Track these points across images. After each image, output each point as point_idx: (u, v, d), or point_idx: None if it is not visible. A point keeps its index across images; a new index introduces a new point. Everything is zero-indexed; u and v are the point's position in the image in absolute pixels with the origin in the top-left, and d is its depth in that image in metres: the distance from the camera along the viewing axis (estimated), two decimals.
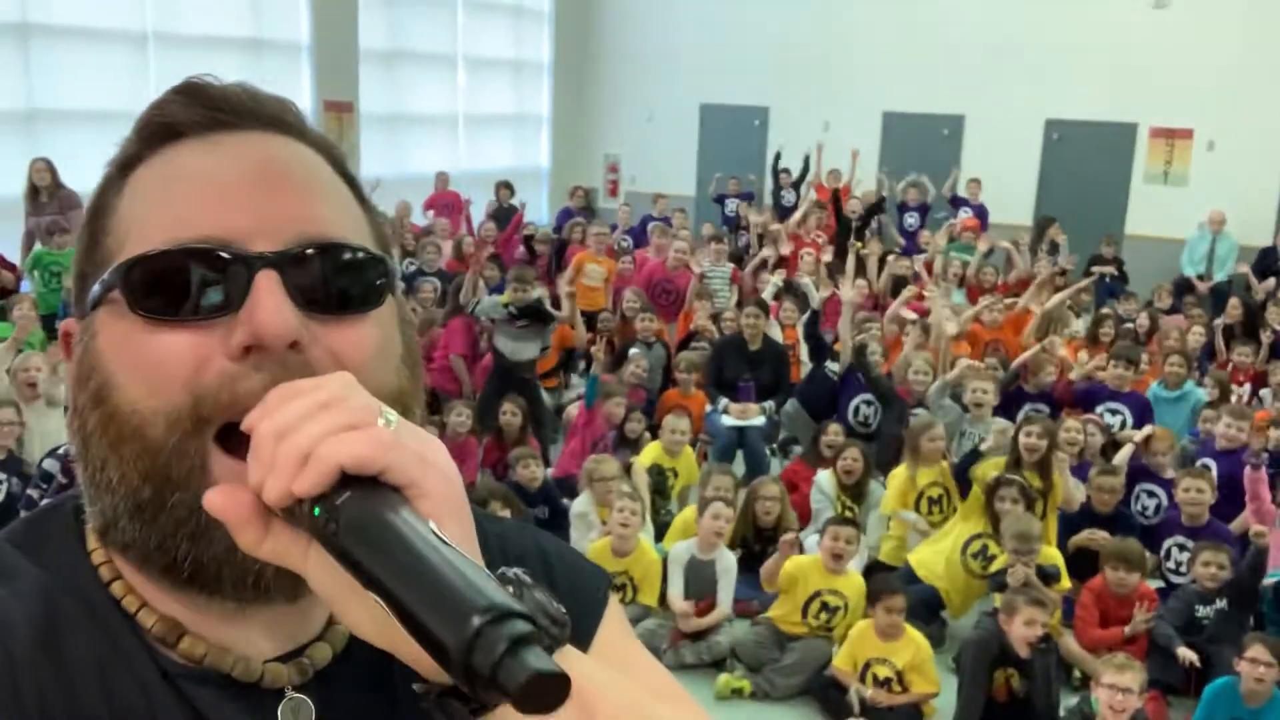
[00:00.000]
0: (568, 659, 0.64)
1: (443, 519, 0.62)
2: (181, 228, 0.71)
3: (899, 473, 5.71)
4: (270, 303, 0.68)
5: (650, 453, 6.08)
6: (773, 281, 7.33)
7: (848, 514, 5.36)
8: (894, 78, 13.70)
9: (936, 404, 6.24)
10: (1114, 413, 6.84)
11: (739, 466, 6.43)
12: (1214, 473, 5.76)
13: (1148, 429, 6.21)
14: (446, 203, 11.86)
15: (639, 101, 15.51)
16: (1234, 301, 9.23)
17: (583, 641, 0.81)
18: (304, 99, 12.76)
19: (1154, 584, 5.28)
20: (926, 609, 5.07)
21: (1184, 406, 7.05)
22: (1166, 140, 12.52)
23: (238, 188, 0.72)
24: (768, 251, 9.20)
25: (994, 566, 4.99)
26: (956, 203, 12.05)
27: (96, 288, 0.72)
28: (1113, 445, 6.41)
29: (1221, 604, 4.69)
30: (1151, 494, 5.84)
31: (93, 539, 0.75)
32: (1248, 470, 5.34)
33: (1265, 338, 8.01)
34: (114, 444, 0.70)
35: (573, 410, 7.01)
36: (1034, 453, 5.43)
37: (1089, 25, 12.54)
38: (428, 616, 0.56)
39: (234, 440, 0.68)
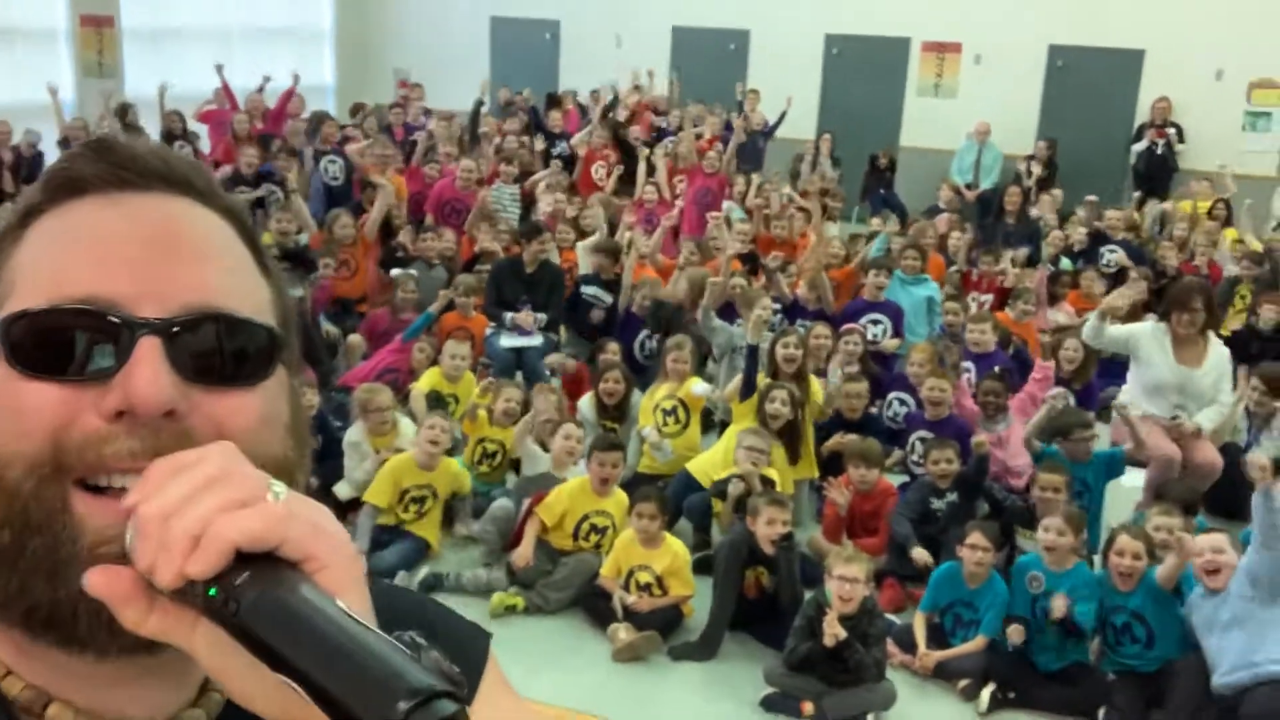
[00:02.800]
0: None
1: (345, 591, 0.61)
2: (69, 285, 0.68)
3: (651, 390, 5.97)
4: (148, 371, 0.66)
5: (429, 378, 6.10)
6: (541, 206, 7.36)
7: (610, 434, 5.51)
8: None
9: (706, 325, 6.43)
10: (875, 323, 7.27)
11: None
12: (973, 374, 6.29)
13: (894, 341, 6.65)
14: (223, 119, 11.26)
15: (426, 14, 15.10)
16: (1011, 191, 10.02)
17: (469, 699, 0.82)
18: (58, 14, 11.87)
19: (902, 478, 5.73)
20: (704, 514, 5.31)
21: (918, 295, 7.55)
22: (937, 54, 13.07)
23: (131, 249, 0.70)
24: (551, 174, 9.21)
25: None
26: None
27: None
28: (872, 355, 6.83)
29: (953, 497, 5.10)
30: (903, 402, 6.25)
31: None
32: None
33: (1015, 254, 8.60)
34: None
35: (355, 340, 6.94)
36: (791, 363, 5.73)
37: None
38: (350, 700, 0.55)
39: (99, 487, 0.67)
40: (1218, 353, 5.42)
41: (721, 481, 5.03)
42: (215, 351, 0.70)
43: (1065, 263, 9.00)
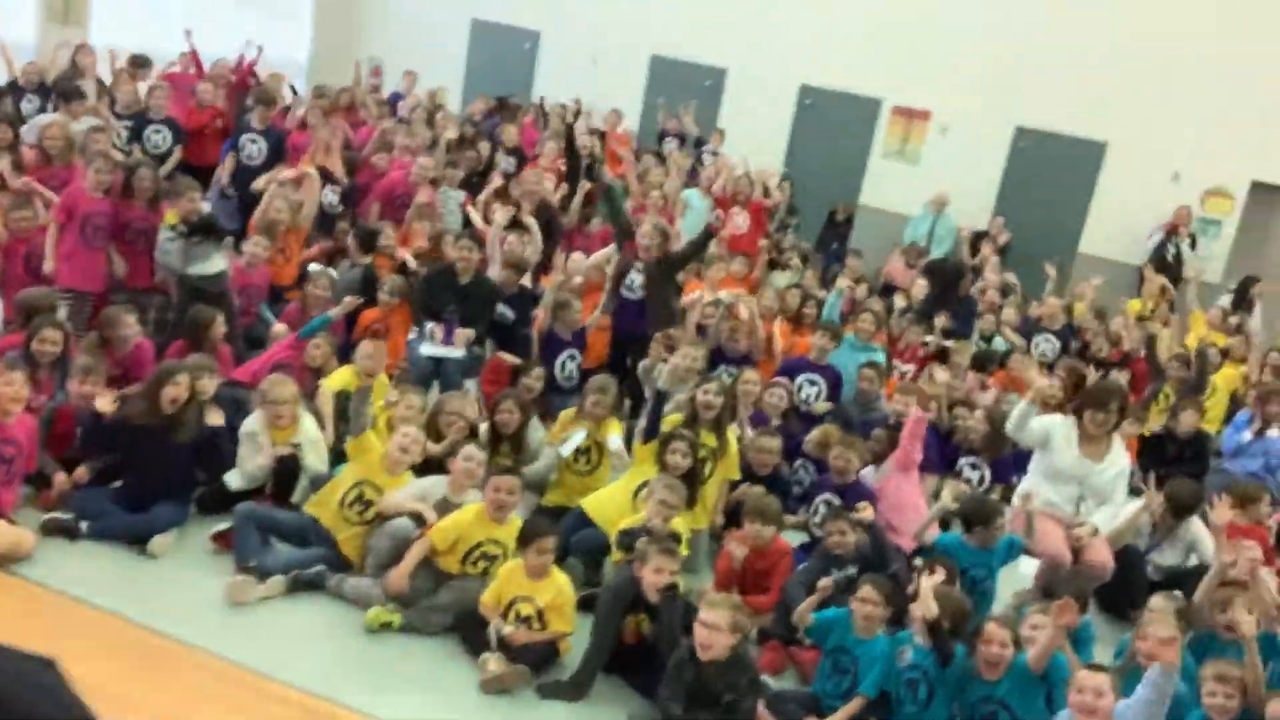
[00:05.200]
0: None
1: None
2: None
3: (562, 417, 5.91)
4: None
5: (340, 377, 5.96)
6: (497, 221, 7.28)
7: (506, 463, 5.40)
8: (662, 23, 13.84)
9: (645, 376, 6.35)
10: (812, 383, 7.24)
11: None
12: None
13: (825, 405, 6.64)
14: (189, 83, 10.94)
15: (408, 6, 15.02)
16: (956, 264, 10.08)
17: None
18: None
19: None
20: (595, 552, 5.23)
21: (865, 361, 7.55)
22: (906, 119, 13.19)
23: None
24: (498, 180, 9.12)
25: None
26: (700, 144, 12.33)
27: None
28: (796, 412, 6.81)
29: (852, 570, 5.04)
30: (805, 468, 6.23)
31: None
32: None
33: (939, 321, 8.64)
34: None
35: (279, 330, 6.79)
36: (710, 410, 5.68)
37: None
38: None
39: None
40: (1119, 452, 5.48)
41: (628, 533, 4.91)
42: None
43: (999, 342, 9.07)
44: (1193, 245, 11.62)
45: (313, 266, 7.21)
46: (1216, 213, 12.01)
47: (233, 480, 5.22)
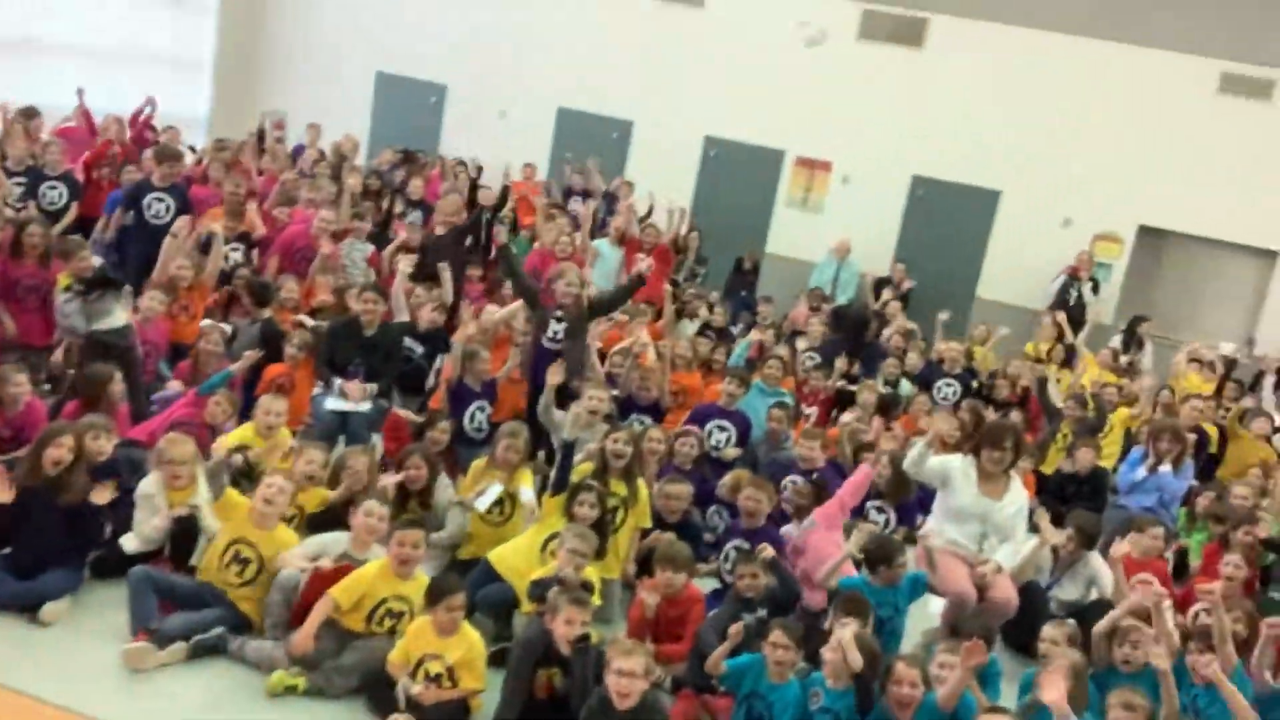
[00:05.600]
0: None
1: None
2: None
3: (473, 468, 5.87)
4: None
5: (241, 434, 5.83)
6: (402, 270, 7.23)
7: (413, 516, 5.33)
8: (569, 76, 13.99)
9: (546, 418, 6.34)
10: (721, 429, 7.26)
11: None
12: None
13: (734, 451, 6.69)
14: (82, 138, 10.70)
15: (313, 58, 14.95)
16: (859, 308, 10.29)
17: None
18: None
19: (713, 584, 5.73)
20: (502, 606, 5.16)
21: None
22: (808, 170, 13.50)
23: None
24: (405, 234, 9.07)
25: None
26: (609, 198, 12.44)
27: None
28: (707, 458, 6.83)
29: (763, 612, 5.07)
30: (720, 514, 6.26)
31: None
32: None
33: (840, 364, 8.80)
34: None
35: (175, 387, 6.64)
36: (620, 459, 5.69)
37: (748, 54, 13.33)
38: None
39: None
40: (1018, 490, 5.62)
41: (539, 583, 4.86)
42: None
43: (905, 386, 9.25)
44: (1095, 289, 12.06)
45: (204, 322, 7.06)
46: (1106, 256, 12.48)
47: (128, 543, 5.05)
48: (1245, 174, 11.91)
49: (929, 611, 5.80)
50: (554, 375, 6.17)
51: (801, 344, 9.78)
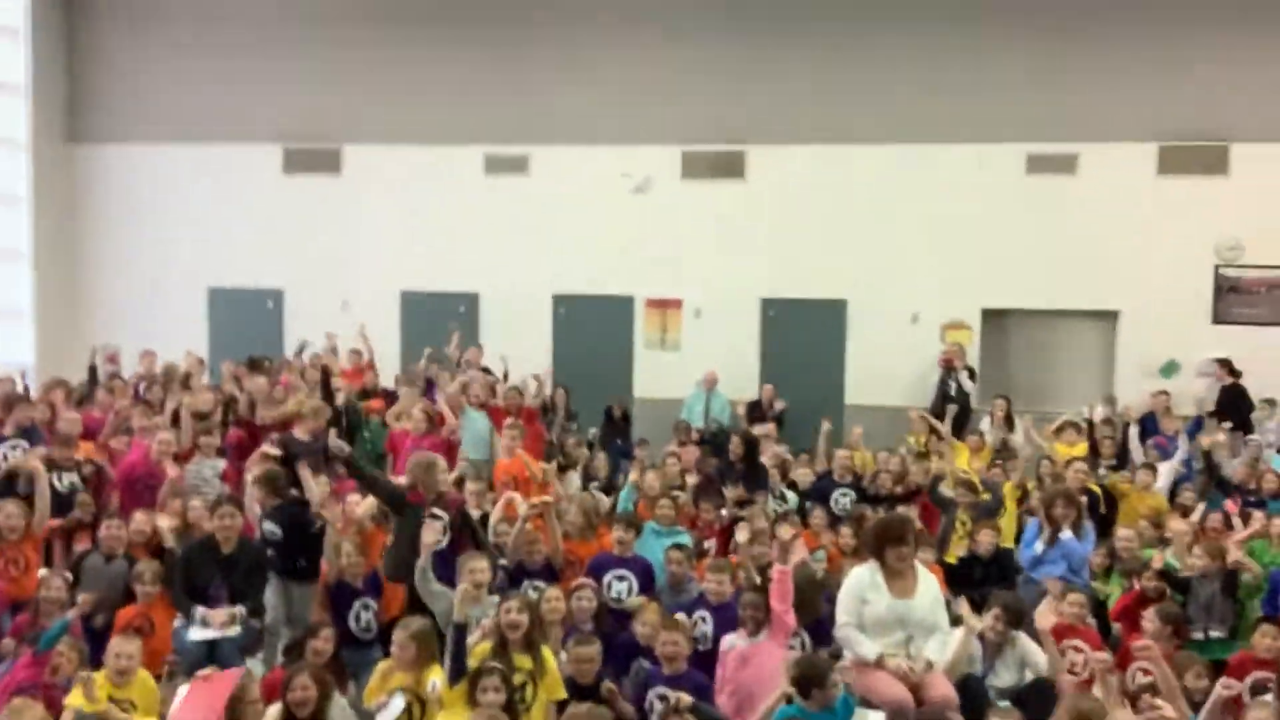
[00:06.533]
0: None
1: None
2: None
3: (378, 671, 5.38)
4: None
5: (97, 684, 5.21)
6: (250, 477, 6.79)
7: None
8: (409, 258, 13.92)
9: (424, 588, 5.93)
10: (620, 578, 6.91)
11: None
12: (709, 625, 6.12)
13: (638, 600, 6.35)
14: None
15: (136, 286, 14.53)
16: (735, 440, 10.06)
17: None
18: None
19: None
20: None
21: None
22: (660, 310, 13.61)
23: None
24: (265, 445, 8.60)
25: None
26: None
27: None
28: (609, 611, 6.47)
29: None
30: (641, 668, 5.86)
31: None
32: None
33: (730, 493, 8.63)
34: None
35: (7, 645, 5.95)
36: (517, 629, 5.29)
37: (581, 209, 13.53)
38: None
39: None
40: (927, 580, 5.44)
41: None
42: None
43: (791, 499, 9.12)
44: (971, 376, 12.31)
45: (41, 571, 6.42)
46: (961, 341, 12.79)
47: None
48: (1069, 243, 12.49)
49: None
50: (430, 534, 5.79)
51: (691, 479, 9.58)
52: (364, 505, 7.12)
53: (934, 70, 12.73)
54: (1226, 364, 11.77)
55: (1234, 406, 11.41)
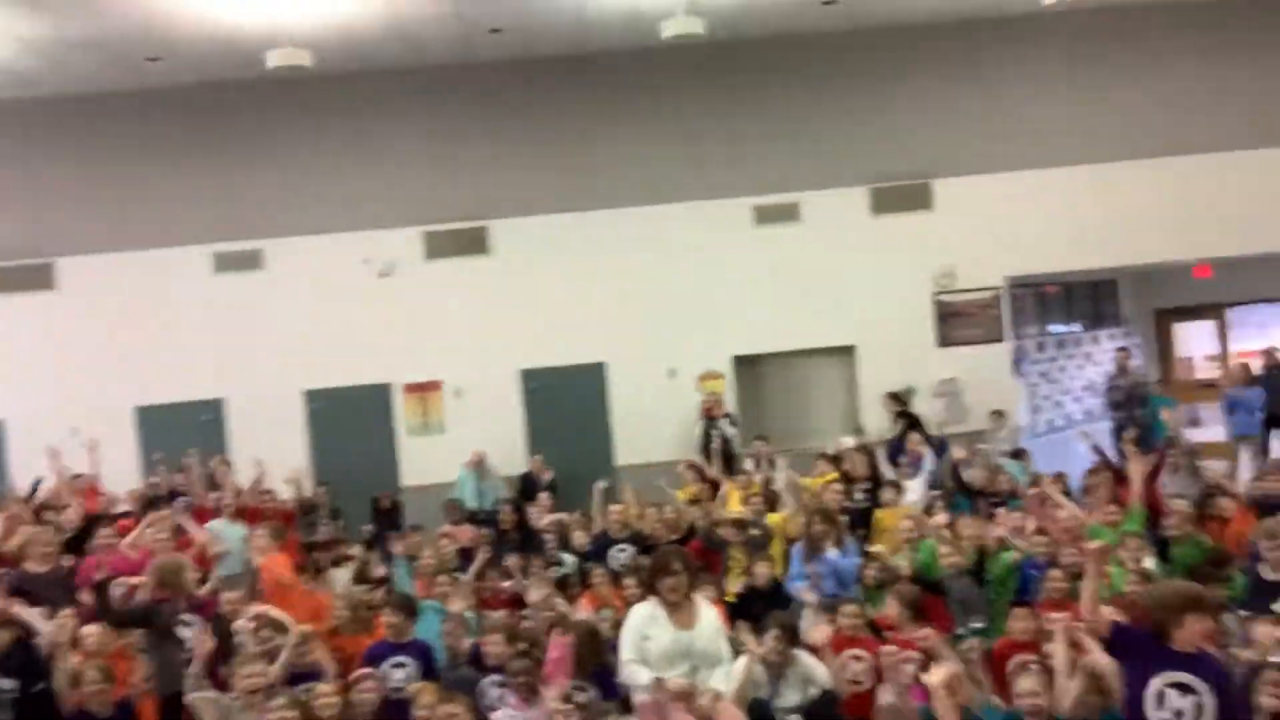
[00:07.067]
0: None
1: None
2: None
3: None
4: None
5: None
6: None
7: None
8: (142, 370, 13.08)
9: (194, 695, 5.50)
10: (399, 665, 6.61)
11: None
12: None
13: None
14: None
15: None
16: (505, 510, 9.99)
17: None
18: None
19: None
20: None
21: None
22: (419, 395, 13.37)
23: None
24: None
25: None
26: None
27: None
28: (391, 703, 6.18)
29: None
30: None
31: None
32: None
33: (512, 562, 8.53)
34: None
35: None
36: None
37: (332, 297, 13.18)
38: None
39: None
40: (707, 610, 5.53)
41: None
42: None
43: (569, 561, 9.08)
44: (732, 423, 12.67)
45: None
46: (716, 390, 13.20)
47: None
48: (801, 287, 13.18)
49: None
50: (203, 643, 5.39)
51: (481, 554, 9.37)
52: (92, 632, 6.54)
53: (661, 134, 13.27)
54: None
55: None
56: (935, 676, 4.71)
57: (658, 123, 13.34)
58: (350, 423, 13.17)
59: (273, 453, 11.98)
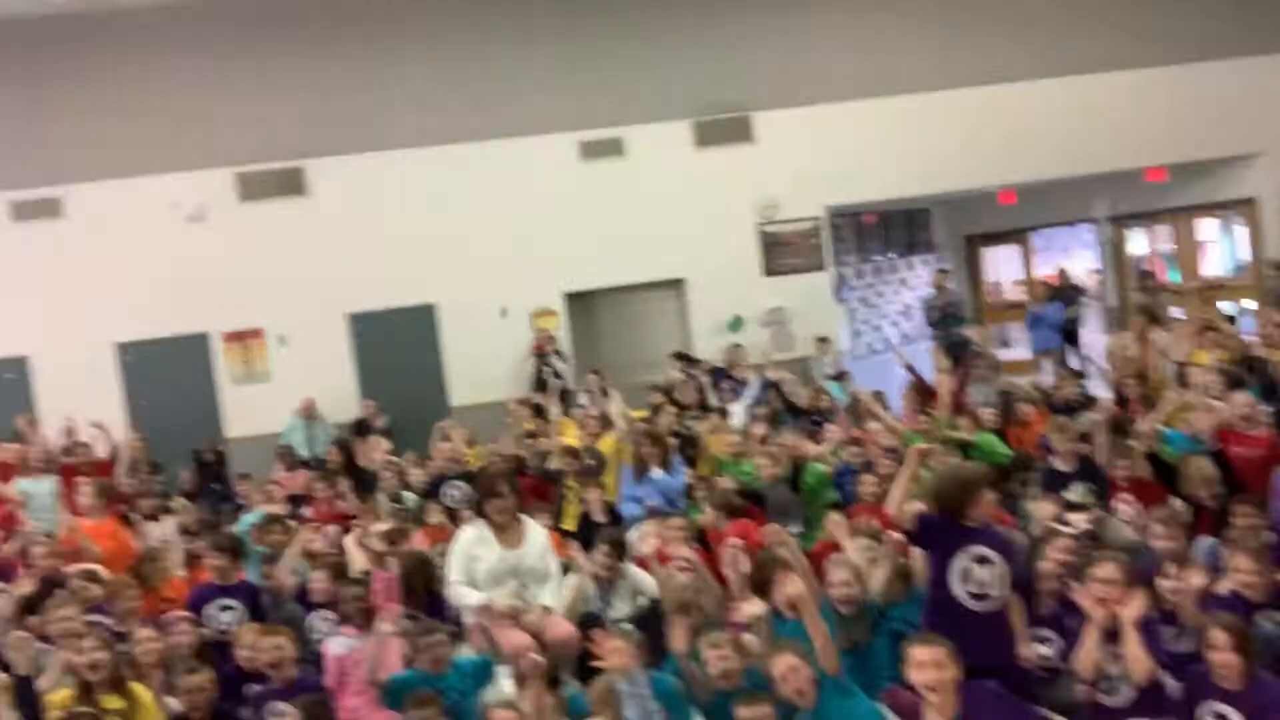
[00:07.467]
0: None
1: None
2: None
3: None
4: None
5: None
6: None
7: None
8: None
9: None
10: (226, 608, 6.45)
11: None
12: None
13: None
14: None
15: None
16: (332, 450, 9.77)
17: None
18: None
19: None
20: None
21: None
22: (241, 343, 12.92)
23: None
24: None
25: None
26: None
27: None
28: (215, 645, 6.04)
29: None
30: None
31: None
32: None
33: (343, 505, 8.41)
34: None
35: None
36: (96, 669, 4.79)
37: (140, 244, 12.55)
38: None
39: None
40: (535, 530, 5.60)
41: None
42: None
43: (409, 498, 9.03)
44: (563, 359, 12.71)
45: None
46: (549, 327, 13.21)
47: None
48: (630, 222, 13.25)
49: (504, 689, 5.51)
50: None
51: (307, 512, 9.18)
52: None
53: (482, 68, 13.06)
54: None
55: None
56: (792, 588, 4.86)
57: (479, 57, 13.11)
58: (168, 375, 12.62)
59: (87, 410, 11.46)
